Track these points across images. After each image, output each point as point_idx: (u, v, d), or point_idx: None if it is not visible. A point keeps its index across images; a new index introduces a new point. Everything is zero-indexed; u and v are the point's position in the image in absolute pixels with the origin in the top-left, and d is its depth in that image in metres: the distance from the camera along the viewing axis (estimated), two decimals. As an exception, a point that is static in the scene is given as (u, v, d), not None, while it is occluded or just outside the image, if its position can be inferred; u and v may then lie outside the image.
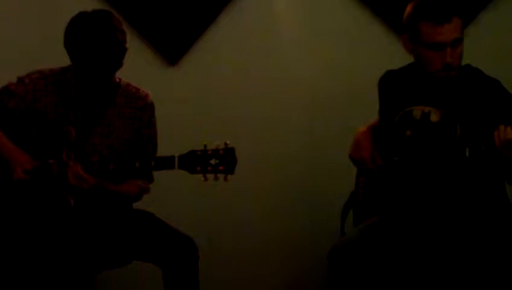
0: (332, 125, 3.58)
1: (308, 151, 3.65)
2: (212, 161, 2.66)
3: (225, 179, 2.66)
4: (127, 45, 2.79)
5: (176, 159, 2.69)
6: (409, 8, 2.76)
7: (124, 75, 2.89)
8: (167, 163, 2.71)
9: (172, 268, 2.80)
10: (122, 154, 2.91)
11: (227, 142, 2.67)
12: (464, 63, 2.80)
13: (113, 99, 2.90)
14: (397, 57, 3.04)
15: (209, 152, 2.66)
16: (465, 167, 2.65)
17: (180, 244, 2.82)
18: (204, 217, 3.61)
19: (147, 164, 2.77)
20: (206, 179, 2.67)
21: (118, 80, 2.91)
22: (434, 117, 2.77)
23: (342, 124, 3.44)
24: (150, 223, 2.92)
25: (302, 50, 3.63)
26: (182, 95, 3.63)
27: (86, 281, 2.81)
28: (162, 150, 3.02)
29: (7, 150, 2.85)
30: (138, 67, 2.83)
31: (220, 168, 2.65)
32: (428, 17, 2.68)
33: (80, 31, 2.75)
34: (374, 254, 2.70)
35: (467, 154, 2.58)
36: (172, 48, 3.61)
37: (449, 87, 2.77)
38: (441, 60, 2.69)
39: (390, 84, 2.92)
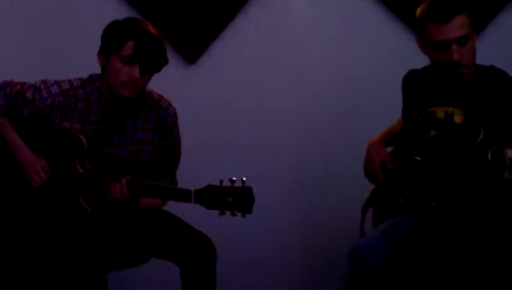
0: (352, 126, 3.58)
1: (328, 149, 3.65)
2: (230, 199, 2.62)
3: (243, 216, 2.63)
4: None
5: (193, 194, 2.65)
6: (418, 10, 2.78)
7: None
8: (183, 196, 2.67)
9: (191, 267, 2.78)
10: (142, 167, 2.89)
11: (244, 179, 2.61)
12: (481, 64, 2.81)
13: (135, 109, 2.86)
14: (415, 58, 3.05)
15: (226, 189, 2.61)
16: (487, 170, 2.64)
17: (199, 244, 2.81)
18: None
19: (163, 193, 2.73)
20: (224, 214, 2.64)
21: None
22: (457, 118, 2.78)
23: (361, 125, 3.43)
24: (168, 221, 2.91)
25: (319, 49, 3.63)
26: (201, 93, 3.64)
27: (100, 279, 2.82)
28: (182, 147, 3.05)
29: (20, 152, 2.82)
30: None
31: (238, 207, 2.61)
32: (431, 16, 2.70)
33: (125, 28, 2.73)
34: (394, 254, 2.71)
35: (489, 157, 2.58)
36: (190, 47, 3.62)
37: (473, 88, 2.77)
38: (448, 59, 2.71)
39: (414, 83, 2.92)
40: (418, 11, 2.78)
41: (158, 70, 2.79)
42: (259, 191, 2.71)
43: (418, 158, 2.82)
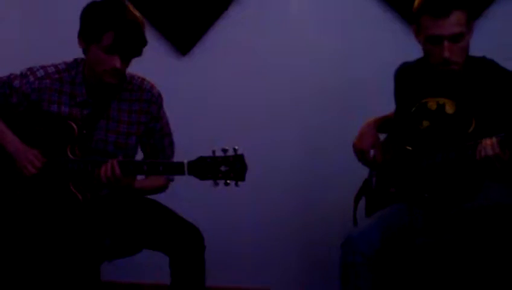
0: (345, 115, 3.57)
1: (320, 141, 3.65)
2: (223, 168, 2.63)
3: (236, 184, 2.64)
4: None
5: (186, 166, 2.66)
6: (416, 0, 2.77)
7: (136, 64, 2.86)
8: (176, 169, 2.68)
9: (179, 257, 2.80)
10: (131, 150, 2.91)
11: (236, 147, 2.63)
12: (475, 53, 2.81)
13: (118, 92, 2.88)
14: (406, 47, 3.06)
15: (219, 159, 2.63)
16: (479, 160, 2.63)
17: (187, 234, 2.82)
18: (215, 206, 3.63)
19: (155, 168, 2.73)
20: (217, 184, 2.65)
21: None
22: (449, 109, 2.79)
23: (354, 115, 3.43)
24: (157, 211, 2.92)
25: (311, 41, 3.62)
26: (193, 84, 3.65)
27: (92, 270, 2.83)
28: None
29: (12, 145, 2.83)
30: (149, 57, 2.84)
31: (231, 175, 2.62)
32: (428, 10, 2.68)
33: (104, 17, 2.72)
34: (387, 244, 2.71)
35: None
36: (183, 38, 3.63)
37: (464, 79, 2.78)
38: (439, 54, 2.70)
39: (406, 76, 2.94)
40: (416, 1, 2.76)
41: (139, 54, 2.79)
42: (255, 184, 2.72)
43: (410, 148, 2.84)
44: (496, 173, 2.63)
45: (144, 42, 2.78)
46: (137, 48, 2.76)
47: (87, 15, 2.78)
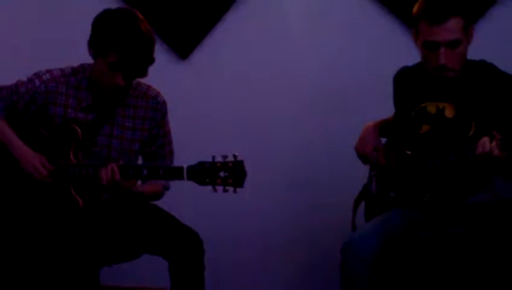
0: (345, 119, 3.57)
1: (320, 144, 3.65)
2: (222, 174, 2.62)
3: (234, 191, 2.63)
4: None
5: (185, 170, 2.66)
6: (415, 5, 2.78)
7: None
8: (176, 173, 2.68)
9: (179, 261, 2.79)
10: (134, 156, 2.91)
11: (236, 154, 2.63)
12: (475, 58, 2.81)
13: (124, 99, 2.89)
14: (406, 51, 3.05)
15: (218, 165, 2.62)
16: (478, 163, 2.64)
17: (187, 238, 2.82)
18: (214, 210, 3.62)
19: (155, 172, 2.74)
20: (215, 191, 2.64)
21: None
22: (449, 113, 2.79)
23: (354, 119, 3.43)
24: (156, 216, 2.92)
25: (311, 45, 3.62)
26: (193, 89, 3.65)
27: (92, 274, 2.82)
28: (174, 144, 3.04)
29: (19, 151, 2.83)
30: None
31: (229, 181, 2.62)
32: (425, 16, 2.69)
33: (111, 36, 2.72)
34: (386, 249, 2.70)
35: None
36: (183, 43, 3.64)
37: (463, 83, 2.78)
38: (435, 60, 2.71)
39: (405, 80, 2.94)
40: (415, 6, 2.77)
41: (144, 75, 2.80)
42: (255, 188, 2.71)
43: (410, 153, 2.83)
44: (499, 169, 2.65)
45: (150, 61, 2.78)
46: (141, 68, 2.77)
47: (97, 27, 2.78)
